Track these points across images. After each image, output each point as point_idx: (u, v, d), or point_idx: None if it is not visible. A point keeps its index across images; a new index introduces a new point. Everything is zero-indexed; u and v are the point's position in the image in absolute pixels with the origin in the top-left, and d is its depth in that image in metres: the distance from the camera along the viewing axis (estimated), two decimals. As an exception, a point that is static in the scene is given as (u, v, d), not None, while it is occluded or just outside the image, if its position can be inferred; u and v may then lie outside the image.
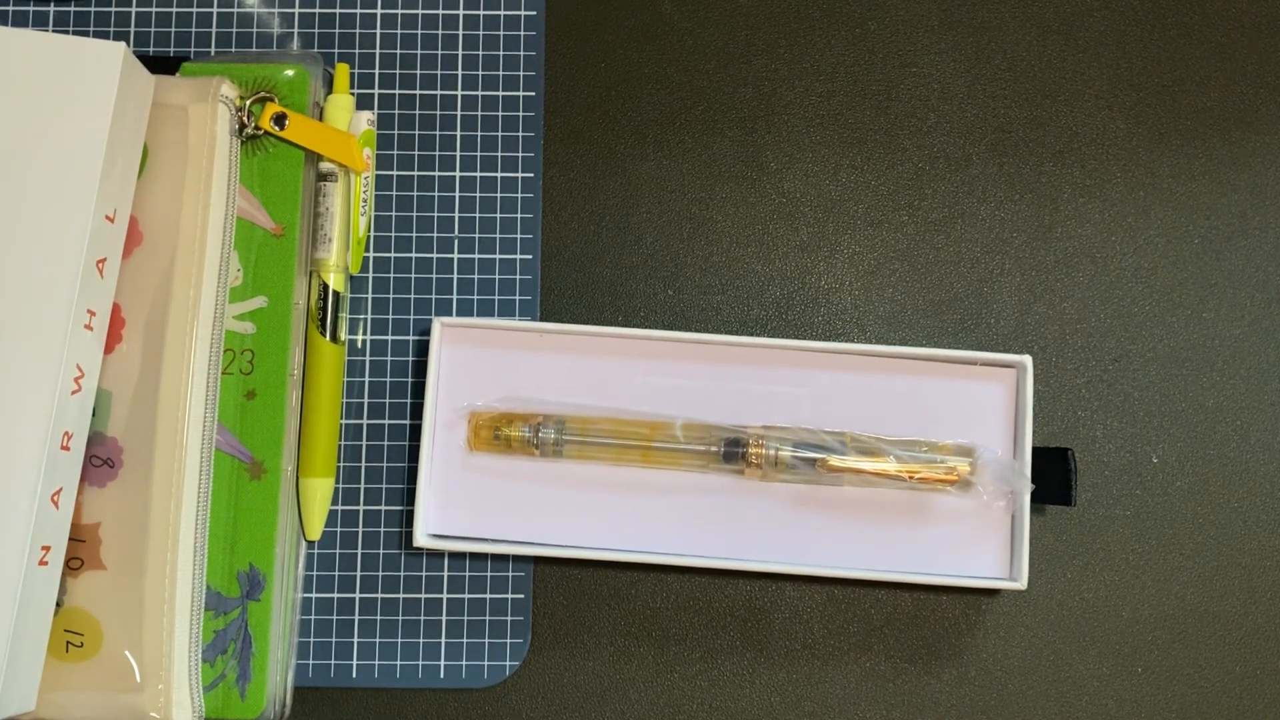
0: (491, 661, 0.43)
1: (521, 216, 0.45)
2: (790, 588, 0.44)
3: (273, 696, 0.41)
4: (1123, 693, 0.44)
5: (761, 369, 0.43)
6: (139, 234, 0.40)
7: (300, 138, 0.43)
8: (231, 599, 0.41)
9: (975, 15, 0.47)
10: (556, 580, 0.44)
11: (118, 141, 0.38)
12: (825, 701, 0.43)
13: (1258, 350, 0.45)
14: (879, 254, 0.46)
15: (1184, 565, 0.44)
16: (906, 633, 0.44)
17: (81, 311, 0.37)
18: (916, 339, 0.45)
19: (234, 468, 0.41)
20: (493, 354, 0.43)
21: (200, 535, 0.39)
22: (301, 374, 0.43)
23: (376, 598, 0.43)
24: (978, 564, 0.42)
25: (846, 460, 0.41)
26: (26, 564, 0.35)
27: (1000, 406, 0.43)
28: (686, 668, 0.44)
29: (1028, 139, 0.46)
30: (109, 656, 0.38)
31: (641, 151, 0.46)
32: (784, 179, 0.46)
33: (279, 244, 0.43)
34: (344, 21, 0.46)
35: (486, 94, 0.46)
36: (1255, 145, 0.47)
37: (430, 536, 0.42)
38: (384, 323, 0.45)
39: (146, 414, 0.39)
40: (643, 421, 0.42)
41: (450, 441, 0.43)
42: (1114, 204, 0.46)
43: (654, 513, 0.43)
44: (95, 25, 0.46)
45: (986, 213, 0.46)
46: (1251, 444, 0.45)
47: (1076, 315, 0.46)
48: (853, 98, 0.47)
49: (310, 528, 0.43)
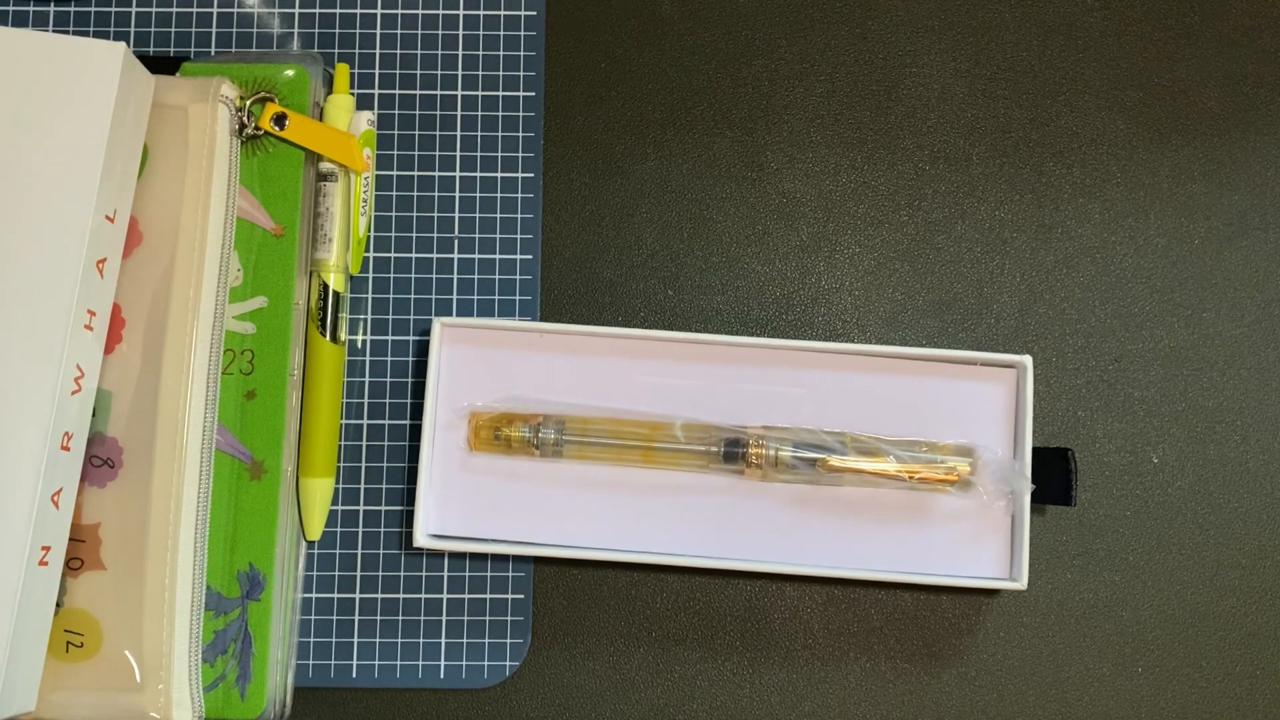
0: (491, 661, 0.43)
1: (521, 216, 0.45)
2: (790, 588, 0.44)
3: (273, 696, 0.41)
4: (1123, 693, 0.44)
5: (761, 369, 0.43)
6: (139, 234, 0.40)
7: (300, 138, 0.43)
8: (231, 599, 0.41)
9: (975, 15, 0.47)
10: (556, 580, 0.44)
11: (118, 141, 0.38)
12: (825, 701, 0.43)
13: (1258, 350, 0.45)
14: (879, 254, 0.46)
15: (1184, 565, 0.44)
16: (906, 633, 0.44)
17: (81, 311, 0.37)
18: (916, 339, 0.45)
19: (234, 468, 0.41)
20: (493, 354, 0.43)
21: (200, 535, 0.39)
22: (301, 374, 0.43)
23: (376, 598, 0.43)
24: (978, 564, 0.42)
25: (846, 460, 0.41)
26: (26, 564, 0.35)
27: (1000, 406, 0.43)
28: (686, 668, 0.44)
29: (1028, 139, 0.46)
30: (109, 656, 0.38)
31: (641, 151, 0.46)
32: (784, 179, 0.46)
33: (279, 244, 0.43)
34: (344, 21, 0.46)
35: (486, 94, 0.46)
36: (1255, 145, 0.47)
37: (430, 537, 0.42)
38: (384, 323, 0.45)
39: (146, 414, 0.39)
40: (643, 422, 0.42)
41: (450, 441, 0.43)
42: (1114, 204, 0.46)
43: (654, 513, 0.43)
44: (95, 25, 0.46)
45: (986, 213, 0.46)
46: (1251, 444, 0.45)
47: (1076, 315, 0.46)
48: (853, 98, 0.47)
49: (310, 528, 0.43)
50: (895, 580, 0.42)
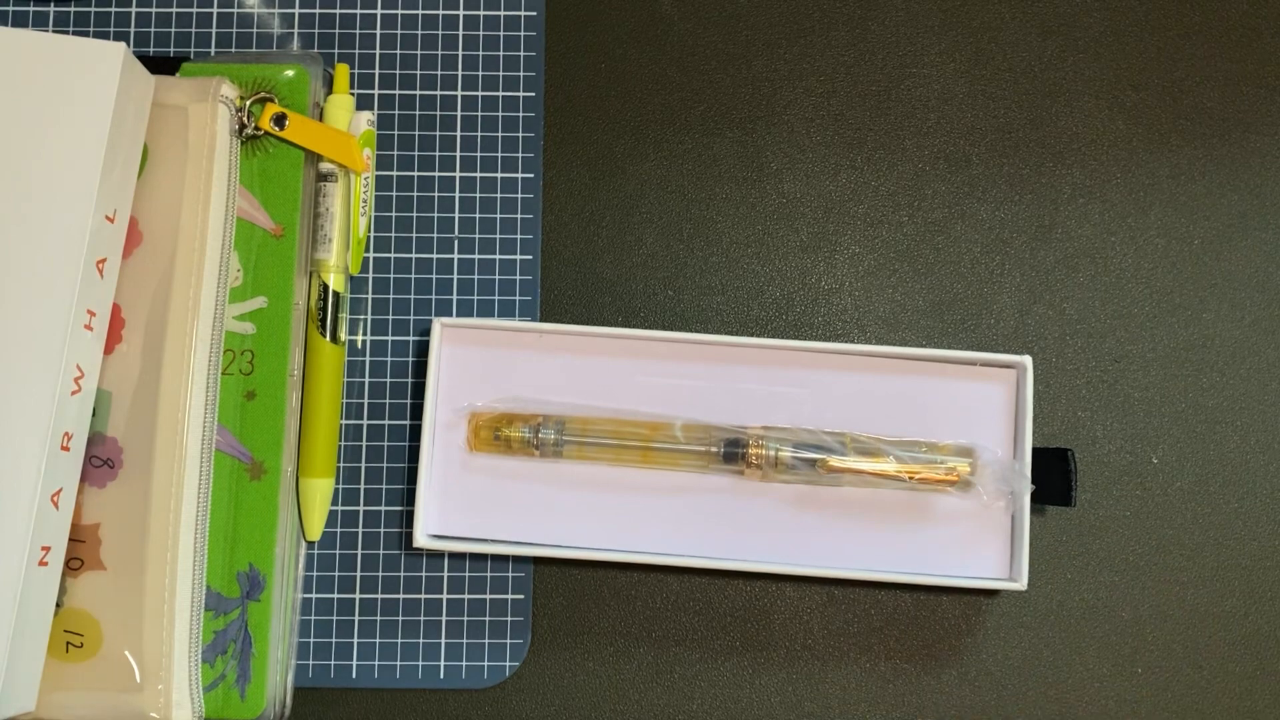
0: (491, 661, 0.43)
1: (521, 216, 0.45)
2: (790, 588, 0.44)
3: (273, 697, 0.41)
4: (1123, 693, 0.44)
5: (761, 369, 0.43)
6: (139, 234, 0.40)
7: (300, 138, 0.43)
8: (231, 599, 0.41)
9: (975, 15, 0.47)
10: (556, 580, 0.44)
11: (118, 141, 0.38)
12: (825, 701, 0.43)
13: (1258, 350, 0.45)
14: (879, 254, 0.46)
15: (1184, 565, 0.44)
16: (906, 633, 0.44)
17: (81, 311, 0.37)
18: (916, 339, 0.45)
19: (234, 468, 0.41)
20: (493, 354, 0.43)
21: (200, 535, 0.39)
22: (301, 374, 0.43)
23: (376, 598, 0.43)
24: (978, 564, 0.42)
25: (846, 461, 0.41)
26: (26, 564, 0.35)
27: (1000, 407, 0.43)
28: (686, 668, 0.44)
29: (1028, 139, 0.46)
30: (109, 656, 0.38)
31: (641, 152, 0.46)
32: (784, 179, 0.46)
33: (279, 244, 0.43)
34: (344, 21, 0.46)
35: (486, 94, 0.46)
36: (1255, 145, 0.47)
37: (430, 537, 0.42)
38: (384, 323, 0.45)
39: (146, 414, 0.39)
40: (642, 422, 0.42)
41: (450, 442, 0.43)
42: (1114, 204, 0.46)
43: (654, 513, 0.43)
44: (95, 25, 0.46)
45: (986, 213, 0.46)
46: (1251, 444, 0.45)
47: (1076, 315, 0.46)
48: (853, 98, 0.47)
49: (310, 528, 0.43)
50: (895, 581, 0.42)
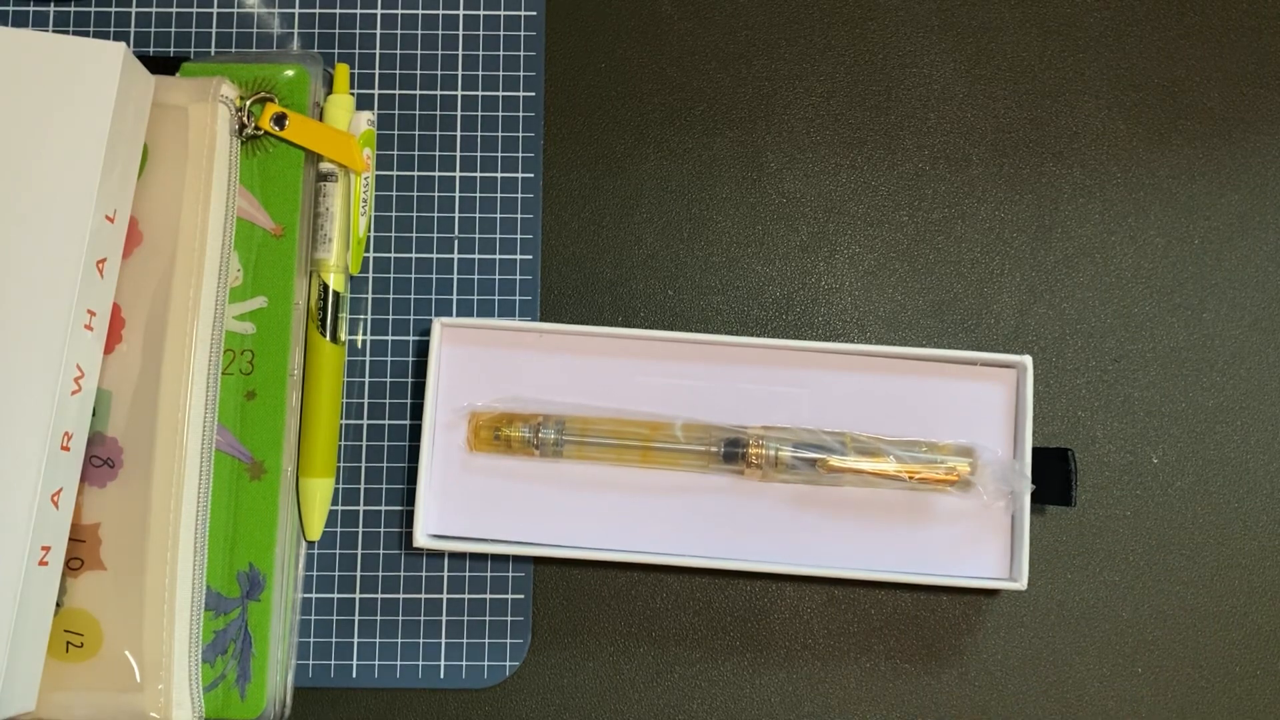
0: (491, 661, 0.43)
1: (521, 216, 0.45)
2: (790, 588, 0.44)
3: (273, 696, 0.41)
4: (1123, 693, 0.44)
5: (761, 369, 0.43)
6: (139, 234, 0.40)
7: (300, 138, 0.43)
8: (231, 599, 0.41)
9: (975, 15, 0.47)
10: (556, 580, 0.44)
11: (118, 141, 0.38)
12: (825, 701, 0.43)
13: (1258, 350, 0.45)
14: (879, 254, 0.46)
15: (1184, 565, 0.44)
16: (906, 633, 0.44)
17: (81, 311, 0.37)
18: (916, 339, 0.45)
19: (234, 468, 0.41)
20: (493, 354, 0.43)
21: (200, 535, 0.39)
22: (301, 374, 0.43)
23: (376, 598, 0.43)
24: (978, 564, 0.42)
25: (846, 460, 0.41)
26: (26, 564, 0.35)
27: (1000, 407, 0.43)
28: (686, 668, 0.44)
29: (1028, 139, 0.46)
30: (109, 656, 0.38)
31: (641, 151, 0.46)
32: (784, 179, 0.46)
33: (279, 244, 0.43)
34: (344, 21, 0.46)
35: (486, 94, 0.46)
36: (1255, 145, 0.47)
37: (430, 537, 0.42)
38: (384, 323, 0.45)
39: (146, 414, 0.39)
40: (642, 422, 0.42)
41: (450, 442, 0.43)
42: (1114, 204, 0.46)
43: (654, 513, 0.43)
44: (95, 25, 0.46)
45: (986, 213, 0.46)
46: (1251, 444, 0.45)
47: (1076, 315, 0.46)
48: (853, 98, 0.47)
49: (310, 528, 0.43)
50: (895, 580, 0.42)
